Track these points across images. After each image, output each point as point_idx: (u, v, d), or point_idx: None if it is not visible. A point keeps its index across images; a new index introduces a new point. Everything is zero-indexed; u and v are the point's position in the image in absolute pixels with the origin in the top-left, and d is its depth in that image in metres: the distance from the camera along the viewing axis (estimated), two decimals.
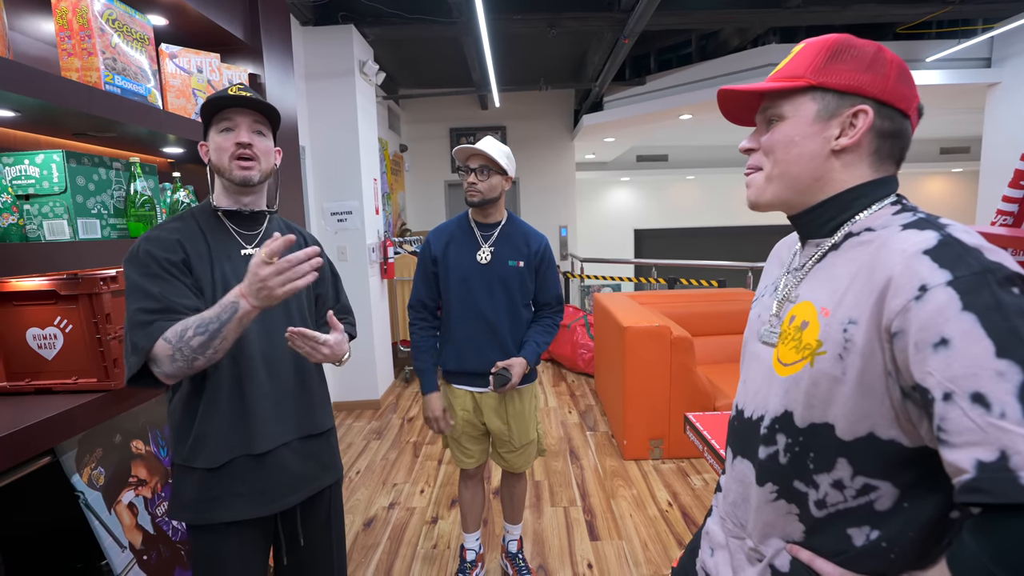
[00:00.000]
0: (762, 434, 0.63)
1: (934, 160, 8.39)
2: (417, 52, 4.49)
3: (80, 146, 1.39)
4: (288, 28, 1.99)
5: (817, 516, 0.58)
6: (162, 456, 1.33)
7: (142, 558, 1.17)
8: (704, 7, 3.56)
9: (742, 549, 0.66)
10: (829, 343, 0.55)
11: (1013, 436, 0.42)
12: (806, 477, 0.58)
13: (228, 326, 0.89)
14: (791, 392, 0.59)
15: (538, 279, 1.64)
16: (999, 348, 0.44)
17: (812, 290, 0.61)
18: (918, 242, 0.51)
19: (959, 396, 0.45)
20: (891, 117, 0.58)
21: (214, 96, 1.01)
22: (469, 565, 1.84)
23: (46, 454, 1.03)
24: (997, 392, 0.43)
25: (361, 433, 3.26)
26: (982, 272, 0.46)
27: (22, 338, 1.11)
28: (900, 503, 0.53)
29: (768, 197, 0.63)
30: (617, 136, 6.14)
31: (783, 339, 0.62)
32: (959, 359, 0.45)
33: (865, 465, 0.54)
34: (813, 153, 0.59)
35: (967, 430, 0.44)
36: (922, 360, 0.47)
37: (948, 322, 0.45)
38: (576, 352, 4.28)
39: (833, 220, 0.61)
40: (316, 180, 3.47)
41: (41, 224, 1.13)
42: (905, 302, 0.48)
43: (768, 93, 0.62)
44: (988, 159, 4.42)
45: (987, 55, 4.25)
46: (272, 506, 1.04)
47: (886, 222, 0.57)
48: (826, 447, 0.56)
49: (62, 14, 1.11)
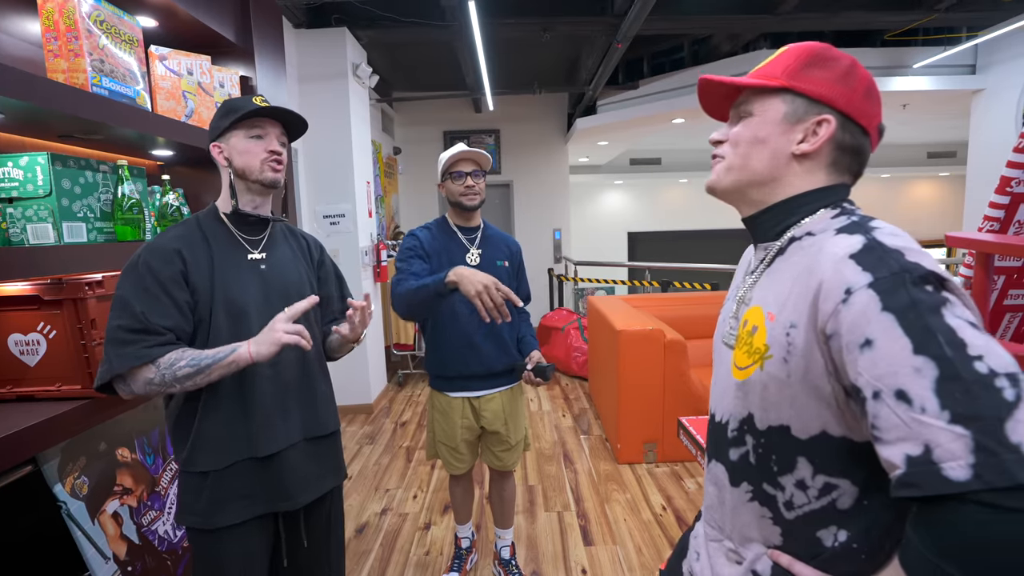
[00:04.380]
0: (730, 437, 0.65)
1: (921, 164, 8.51)
2: (411, 55, 4.49)
3: (66, 148, 1.37)
4: (280, 30, 1.97)
5: (788, 518, 0.59)
6: (149, 464, 1.31)
7: (127, 569, 1.15)
8: (697, 12, 3.58)
9: (721, 551, 0.67)
10: (775, 347, 0.57)
11: (933, 429, 0.43)
12: (772, 479, 0.60)
13: (219, 364, 0.93)
14: (749, 395, 0.61)
15: (517, 280, 1.71)
16: (916, 345, 0.45)
17: (762, 295, 0.62)
18: (846, 246, 0.53)
19: (885, 394, 0.46)
20: (852, 132, 0.60)
21: (246, 105, 1.01)
22: (464, 552, 1.88)
23: (27, 463, 1.00)
24: (916, 388, 0.44)
25: (354, 438, 3.23)
26: (899, 272, 0.48)
27: (3, 344, 1.09)
28: (861, 501, 0.55)
29: (725, 184, 0.65)
30: (610, 140, 6.16)
31: (739, 343, 0.64)
32: (882, 358, 0.46)
33: (823, 463, 0.55)
34: (775, 152, 0.61)
35: (895, 426, 0.45)
36: (853, 361, 0.49)
37: (870, 323, 0.47)
38: (570, 355, 4.27)
39: (780, 224, 0.63)
40: (309, 183, 3.45)
41: (24, 228, 1.10)
42: (835, 305, 0.51)
43: (744, 88, 0.64)
44: (974, 164, 4.49)
45: (972, 62, 4.32)
46: (278, 505, 1.04)
47: (824, 226, 0.59)
48: (785, 448, 0.58)
49: (48, 15, 1.09)
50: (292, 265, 1.12)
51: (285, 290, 1.08)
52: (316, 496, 1.11)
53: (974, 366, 0.43)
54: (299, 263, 1.15)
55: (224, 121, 1.02)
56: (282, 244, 1.14)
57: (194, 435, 0.99)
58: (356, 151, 3.51)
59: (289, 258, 1.13)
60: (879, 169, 8.55)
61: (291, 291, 1.09)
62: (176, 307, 0.96)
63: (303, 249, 1.19)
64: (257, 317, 1.02)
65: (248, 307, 1.02)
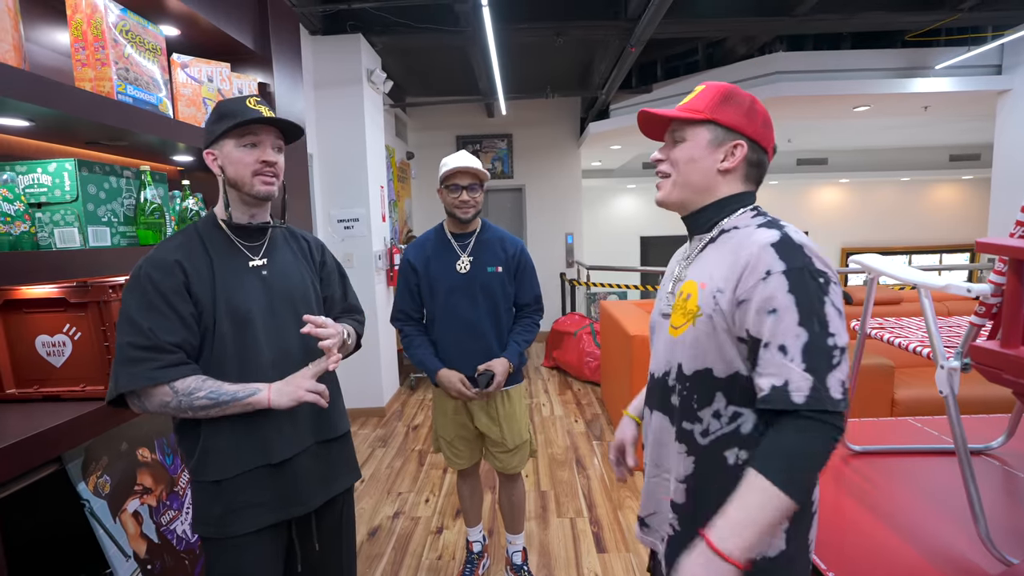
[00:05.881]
0: (670, 385, 0.84)
1: (943, 168, 8.31)
2: (424, 60, 4.52)
3: (92, 155, 1.40)
4: (297, 37, 2.01)
5: (702, 444, 0.79)
6: (168, 464, 1.33)
7: (146, 568, 1.16)
8: (711, 15, 3.56)
9: (660, 485, 0.88)
10: (704, 307, 0.78)
11: (794, 372, 0.69)
12: (692, 415, 0.80)
13: (236, 403, 0.95)
14: (680, 348, 0.81)
15: (517, 281, 1.69)
16: (800, 319, 0.69)
17: (695, 272, 0.82)
18: (767, 237, 0.74)
19: (772, 345, 0.70)
20: (756, 152, 0.82)
21: (238, 110, 0.97)
22: (476, 556, 1.88)
23: (53, 462, 1.03)
24: (792, 345, 0.69)
25: (366, 441, 3.25)
26: (803, 267, 0.71)
27: (31, 345, 1.12)
28: (758, 426, 0.76)
29: (673, 198, 0.86)
30: (623, 144, 6.13)
31: (674, 310, 0.84)
32: (780, 323, 0.70)
33: (734, 396, 0.77)
34: (705, 169, 0.82)
35: (771, 365, 0.70)
36: (759, 320, 0.72)
37: (777, 299, 0.71)
38: (582, 360, 4.25)
39: (712, 220, 0.84)
40: (323, 187, 3.49)
41: (52, 232, 1.13)
42: (756, 281, 0.72)
43: (677, 119, 0.84)
44: (1000, 167, 4.37)
45: (998, 62, 4.21)
46: (292, 510, 1.04)
47: (747, 223, 0.80)
48: (707, 386, 0.78)
49: (77, 25, 1.12)
50: (294, 269, 1.11)
51: (289, 295, 1.07)
52: (328, 497, 1.10)
53: (827, 340, 0.69)
54: (301, 266, 1.13)
55: (217, 127, 0.98)
56: (283, 248, 1.12)
57: (202, 443, 0.98)
58: (370, 156, 3.55)
59: (291, 262, 1.11)
60: (898, 172, 8.37)
61: (295, 296, 1.08)
62: (181, 321, 0.94)
63: (304, 251, 1.17)
64: (262, 324, 1.01)
65: (252, 314, 1.00)
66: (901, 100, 4.40)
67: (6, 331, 1.11)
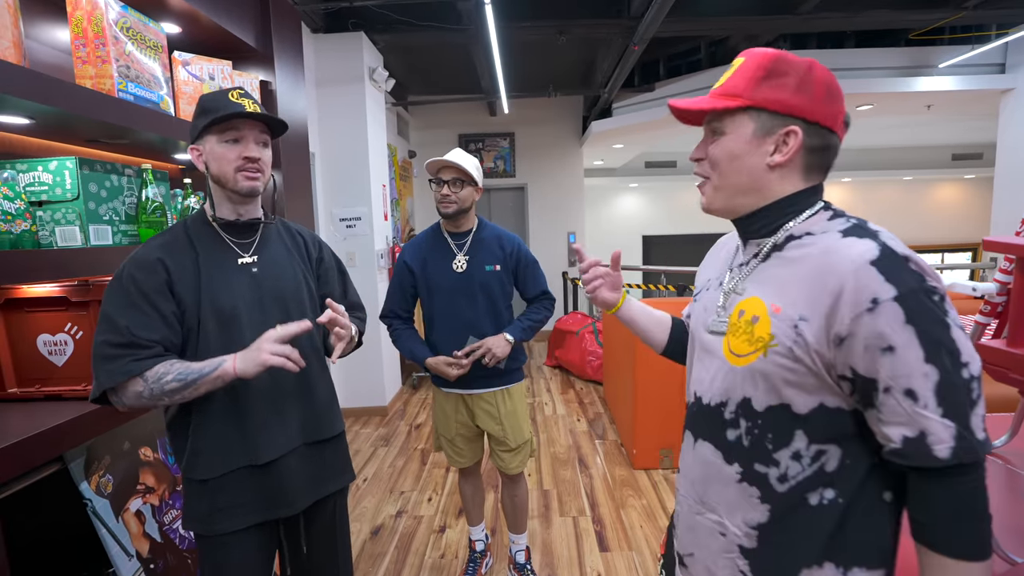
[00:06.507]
0: (727, 419, 0.70)
1: (946, 166, 8.29)
2: (426, 59, 4.51)
3: (93, 153, 1.40)
4: (299, 35, 2.00)
5: (780, 491, 0.66)
6: (170, 463, 1.33)
7: (149, 567, 1.16)
8: (714, 14, 3.54)
9: (705, 525, 0.73)
10: (781, 336, 0.63)
11: (931, 421, 0.57)
12: (766, 457, 0.66)
13: (205, 379, 0.91)
14: (748, 380, 0.66)
15: (520, 278, 1.68)
16: (927, 355, 0.56)
17: (760, 287, 0.68)
18: (863, 252, 0.59)
19: (895, 390, 0.58)
20: (819, 134, 0.65)
21: (220, 105, 0.95)
22: (479, 555, 1.88)
23: (55, 461, 1.02)
24: (922, 389, 0.56)
25: (368, 440, 3.24)
26: (917, 290, 0.57)
27: (33, 344, 1.11)
28: (844, 460, 0.64)
29: (718, 204, 0.72)
30: (626, 143, 6.12)
31: (733, 331, 0.69)
32: (900, 364, 0.57)
33: (817, 433, 0.64)
34: (752, 167, 0.66)
35: (898, 414, 0.58)
36: (871, 359, 0.58)
37: (895, 333, 0.57)
38: (585, 359, 4.25)
39: (771, 224, 0.69)
40: (325, 186, 3.49)
41: (53, 230, 1.13)
42: (859, 312, 0.58)
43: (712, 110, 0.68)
44: (1003, 166, 4.35)
45: (1001, 60, 4.19)
46: (278, 511, 1.03)
47: (824, 227, 0.65)
48: (784, 424, 0.65)
49: (77, 22, 1.11)
50: (287, 266, 1.08)
51: (279, 293, 1.04)
52: (316, 499, 1.08)
53: (962, 373, 0.57)
54: (294, 263, 1.10)
55: (199, 122, 0.96)
56: (276, 244, 1.08)
57: (191, 443, 0.97)
58: (372, 154, 3.54)
59: (283, 259, 1.08)
60: (900, 171, 8.35)
61: (286, 294, 1.05)
62: (162, 319, 0.93)
63: (299, 247, 1.13)
64: (249, 323, 0.99)
65: (238, 313, 0.98)
66: (904, 99, 4.38)
67: (7, 330, 1.11)
